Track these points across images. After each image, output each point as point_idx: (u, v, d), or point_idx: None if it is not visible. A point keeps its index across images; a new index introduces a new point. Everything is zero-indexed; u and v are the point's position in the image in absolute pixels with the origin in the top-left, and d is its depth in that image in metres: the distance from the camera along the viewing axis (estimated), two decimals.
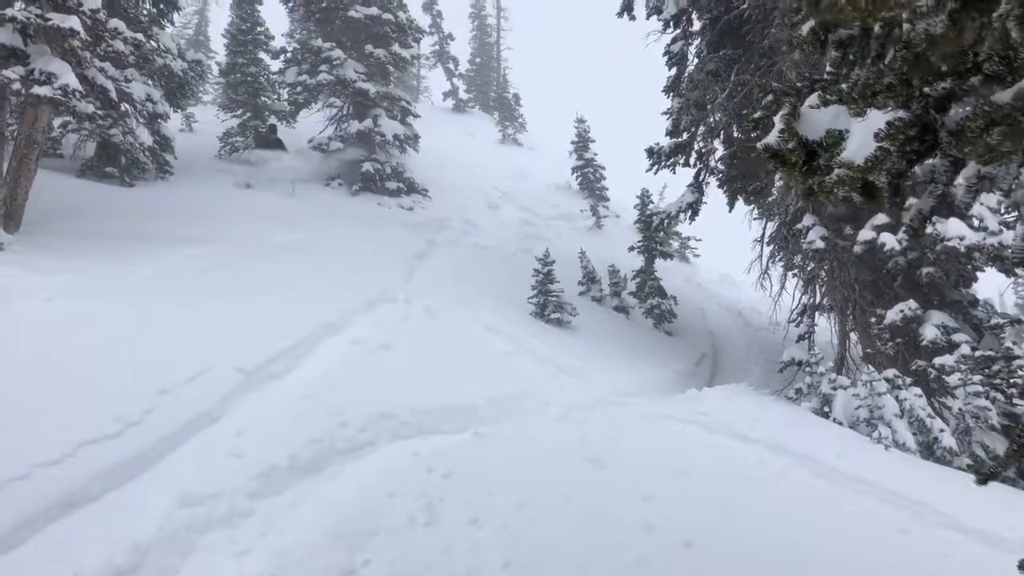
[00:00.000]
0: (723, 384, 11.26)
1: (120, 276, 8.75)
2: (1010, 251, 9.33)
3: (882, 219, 10.54)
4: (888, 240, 10.31)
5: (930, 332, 10.11)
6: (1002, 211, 10.12)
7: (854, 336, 12.50)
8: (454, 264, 14.56)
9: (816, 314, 13.51)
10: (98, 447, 4.99)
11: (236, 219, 13.83)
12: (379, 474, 5.55)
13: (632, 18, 13.09)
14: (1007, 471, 7.74)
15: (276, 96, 20.98)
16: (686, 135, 13.65)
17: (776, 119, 2.50)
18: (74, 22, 9.64)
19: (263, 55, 20.90)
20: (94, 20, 10.35)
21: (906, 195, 2.63)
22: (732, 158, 13.79)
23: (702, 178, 13.84)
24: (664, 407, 8.47)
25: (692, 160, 13.80)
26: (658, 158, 13.72)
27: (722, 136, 13.84)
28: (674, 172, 14.01)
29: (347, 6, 19.63)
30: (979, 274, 11.11)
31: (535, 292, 12.68)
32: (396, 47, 20.12)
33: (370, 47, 19.71)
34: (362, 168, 19.38)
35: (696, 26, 13.44)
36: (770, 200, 13.83)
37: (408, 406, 6.88)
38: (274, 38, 21.28)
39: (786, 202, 12.71)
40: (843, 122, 2.42)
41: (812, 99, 2.54)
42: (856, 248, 10.84)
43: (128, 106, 14.32)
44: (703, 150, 13.82)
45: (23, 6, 9.65)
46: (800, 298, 14.06)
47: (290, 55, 20.47)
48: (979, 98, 2.18)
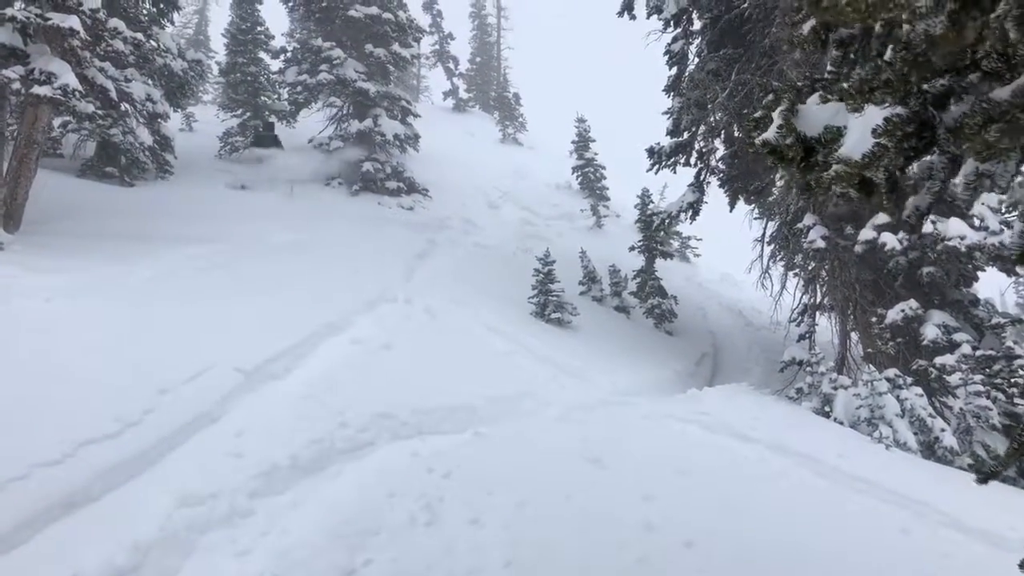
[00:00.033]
0: (724, 384, 11.25)
1: (120, 276, 8.76)
2: (1009, 248, 9.33)
3: (883, 219, 10.54)
4: (889, 240, 10.31)
5: (931, 332, 10.11)
6: (1003, 210, 10.11)
7: (855, 336, 12.49)
8: (454, 264, 14.56)
9: (817, 314, 13.50)
10: (98, 447, 4.99)
11: (236, 219, 13.84)
12: (380, 474, 5.55)
13: (632, 17, 13.08)
14: (1008, 470, 7.74)
15: (276, 96, 20.99)
16: (687, 135, 13.64)
17: (774, 115, 2.49)
18: (74, 22, 9.65)
19: (263, 55, 20.92)
20: (94, 20, 10.35)
21: (904, 192, 2.62)
22: (733, 158, 13.78)
23: (703, 178, 13.83)
24: (665, 407, 8.47)
25: (693, 160, 13.79)
26: (659, 158, 13.71)
27: (723, 136, 13.83)
28: (675, 172, 14.00)
29: (347, 5, 19.63)
30: (980, 273, 11.09)
31: (535, 292, 12.67)
32: (396, 47, 20.12)
33: (370, 47, 19.71)
34: (362, 168, 19.38)
35: (696, 25, 13.44)
36: (771, 200, 13.83)
37: (408, 406, 6.89)
38: (274, 38, 21.32)
39: (787, 202, 12.71)
40: (841, 118, 2.41)
41: (813, 98, 2.54)
42: (857, 248, 10.84)
43: (128, 106, 14.33)
44: (704, 150, 13.81)
45: (23, 6, 9.65)
46: (801, 298, 14.06)
47: (290, 55, 20.48)
48: (978, 95, 2.17)
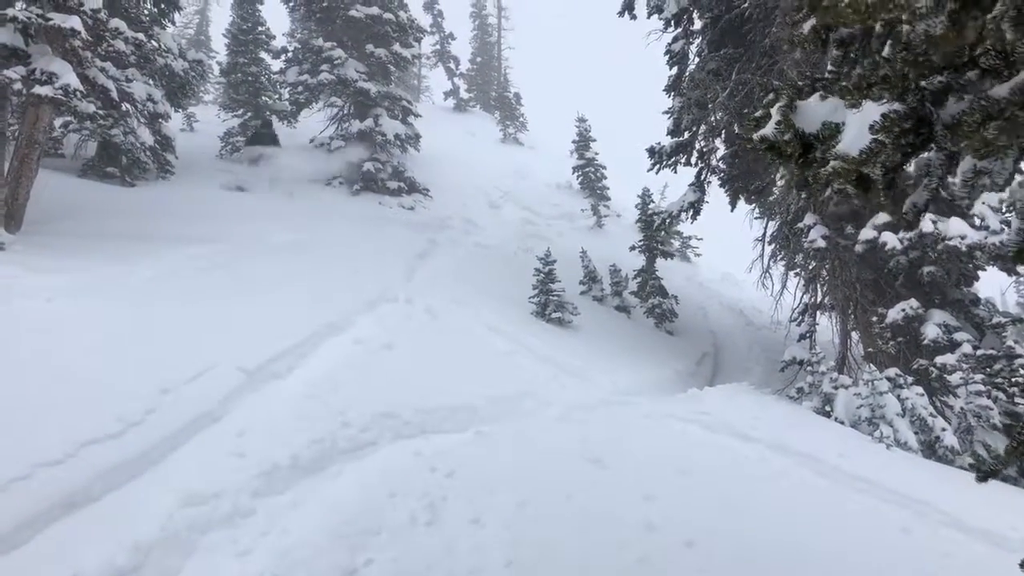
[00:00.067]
0: (724, 383, 11.25)
1: (121, 276, 8.76)
2: (1002, 240, 9.33)
3: (883, 218, 10.55)
4: (889, 239, 10.31)
5: (931, 331, 10.11)
6: (1003, 210, 10.11)
7: (855, 335, 12.49)
8: (455, 264, 14.57)
9: (817, 313, 13.50)
10: (100, 447, 4.99)
11: (237, 219, 13.85)
12: (381, 474, 5.55)
13: (633, 17, 13.08)
14: (1008, 469, 7.74)
15: (277, 96, 21.01)
16: (687, 134, 13.63)
17: (773, 111, 2.49)
18: (75, 22, 9.65)
19: (264, 55, 20.93)
20: (95, 20, 10.36)
21: (902, 189, 2.62)
22: (733, 157, 13.77)
23: (703, 177, 13.82)
24: (665, 406, 8.47)
25: (693, 159, 13.78)
26: (659, 157, 13.71)
27: (723, 135, 13.82)
28: (675, 171, 13.99)
29: (348, 6, 19.64)
30: (980, 273, 11.10)
31: (536, 292, 12.67)
32: (397, 47, 20.14)
33: (371, 47, 19.72)
34: (363, 168, 19.39)
35: (697, 25, 13.44)
36: (771, 199, 13.82)
37: (410, 406, 6.89)
38: (275, 38, 21.33)
39: (787, 201, 12.71)
40: (840, 115, 2.41)
41: (812, 97, 2.54)
42: (857, 247, 10.84)
43: (129, 106, 14.34)
44: (704, 149, 13.80)
45: (24, 6, 9.66)
46: (801, 297, 14.06)
47: (291, 55, 20.50)
48: (976, 92, 2.17)
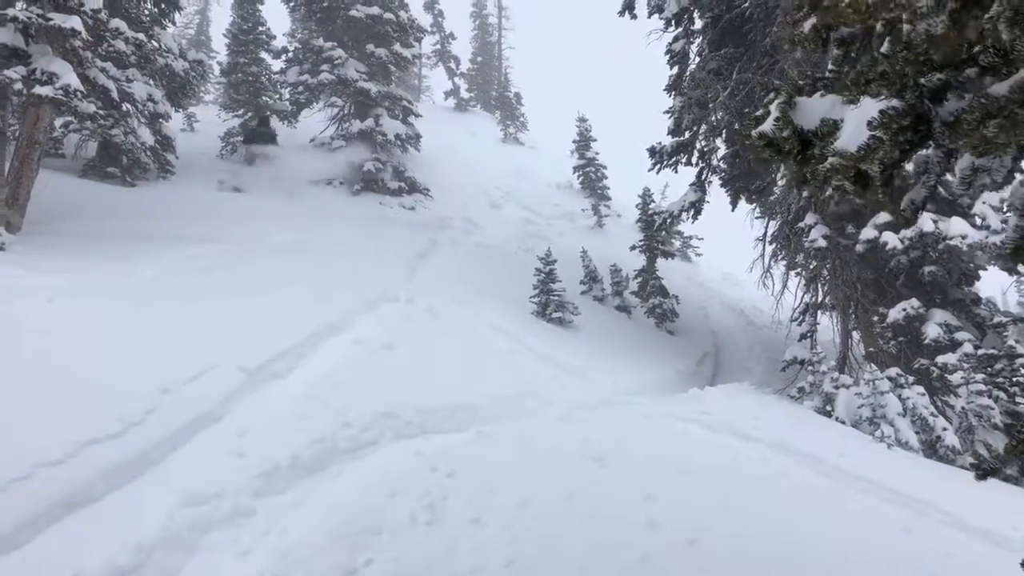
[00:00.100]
0: (725, 383, 11.23)
1: (122, 276, 8.76)
2: (1001, 240, 9.32)
3: (884, 218, 10.54)
4: (890, 239, 10.30)
5: (932, 331, 10.10)
6: (1004, 209, 10.09)
7: (856, 335, 12.48)
8: (456, 263, 14.57)
9: (818, 313, 13.48)
10: (100, 447, 4.99)
11: (237, 219, 13.86)
12: (382, 473, 5.55)
13: (633, 17, 13.07)
14: (1008, 468, 7.73)
15: (278, 96, 21.00)
16: (688, 134, 13.62)
17: (772, 107, 2.48)
18: (75, 22, 9.65)
19: (264, 55, 20.92)
20: (95, 20, 10.36)
21: (900, 186, 2.61)
22: (734, 157, 13.77)
23: (704, 177, 13.81)
24: (666, 406, 8.46)
25: (694, 159, 13.76)
26: (660, 157, 13.70)
27: (724, 135, 13.81)
28: (676, 171, 13.98)
29: (348, 6, 19.65)
30: (981, 272, 11.09)
31: (537, 291, 12.67)
32: (397, 46, 20.14)
33: (371, 47, 19.73)
34: (363, 168, 19.39)
35: (698, 24, 13.43)
36: (772, 199, 13.82)
37: (411, 406, 6.89)
38: (275, 38, 21.31)
39: (788, 201, 12.70)
40: (838, 111, 2.41)
41: (814, 97, 2.53)
42: (858, 247, 10.83)
43: (130, 106, 14.35)
44: (705, 149, 13.78)
45: (24, 6, 9.66)
46: (802, 297, 14.04)
47: (291, 55, 20.51)
48: (975, 90, 2.17)
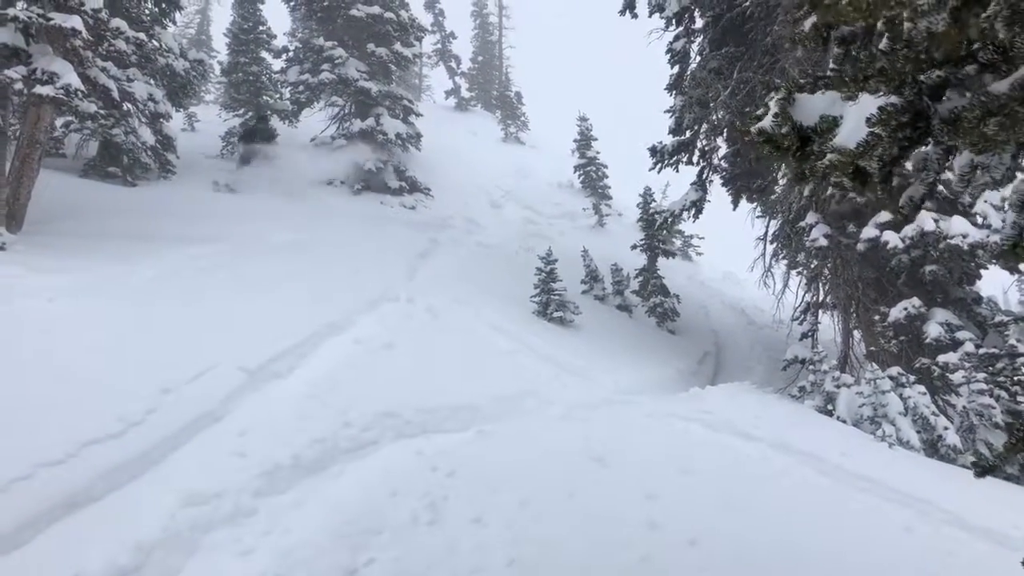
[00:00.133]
0: (726, 382, 11.23)
1: (123, 276, 8.77)
2: (1000, 238, 9.29)
3: (885, 217, 10.53)
4: (891, 238, 10.29)
5: (934, 330, 10.09)
6: (1005, 208, 10.07)
7: (857, 334, 12.47)
8: (457, 263, 14.56)
9: (819, 312, 13.47)
10: (101, 447, 4.99)
11: (238, 218, 13.86)
12: (383, 473, 5.55)
13: (634, 16, 13.06)
14: (1010, 468, 7.72)
15: (278, 95, 21.00)
16: (689, 133, 13.61)
17: (771, 103, 2.47)
18: (76, 22, 9.65)
19: (265, 54, 20.92)
20: (96, 20, 10.35)
21: (898, 184, 2.60)
22: (735, 156, 13.76)
23: (705, 176, 13.80)
24: (667, 405, 8.46)
25: (695, 158, 13.75)
26: (661, 156, 13.69)
27: (725, 134, 13.80)
28: (677, 170, 13.97)
29: (349, 5, 19.63)
30: (983, 272, 11.07)
31: (538, 291, 12.66)
32: (398, 46, 20.13)
33: (372, 46, 19.71)
34: (364, 167, 19.38)
35: (698, 24, 13.41)
36: (773, 198, 13.81)
37: (411, 405, 6.89)
38: (276, 37, 21.32)
39: (789, 200, 12.69)
40: (837, 108, 2.40)
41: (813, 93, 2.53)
42: (859, 246, 10.83)
43: (130, 106, 14.35)
44: (706, 148, 13.77)
45: (25, 6, 9.65)
46: (803, 296, 14.02)
47: (292, 54, 20.48)
48: (975, 88, 2.16)
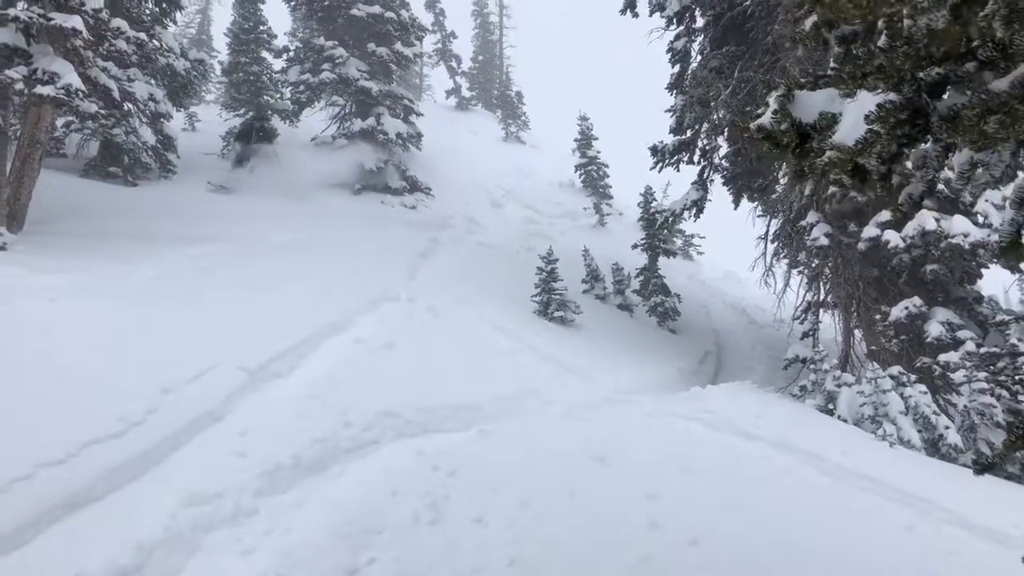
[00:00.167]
0: (727, 382, 11.22)
1: (123, 276, 8.77)
2: (998, 236, 9.28)
3: (886, 216, 10.52)
4: (892, 237, 10.28)
5: (935, 329, 10.08)
6: (1007, 207, 10.05)
7: (859, 333, 12.46)
8: (458, 262, 14.55)
9: (820, 311, 13.45)
10: (102, 447, 4.99)
11: (238, 218, 13.86)
12: (384, 473, 5.55)
13: (635, 15, 13.06)
14: (1008, 465, 7.72)
15: (279, 95, 20.98)
16: (690, 132, 13.61)
17: (770, 100, 2.46)
18: (76, 22, 9.65)
19: (266, 54, 20.88)
20: (96, 19, 10.35)
21: (896, 181, 2.59)
22: (736, 155, 13.75)
23: (706, 175, 13.79)
24: (668, 405, 8.45)
25: (696, 157, 13.75)
26: (662, 156, 13.68)
27: (726, 133, 13.79)
28: (678, 170, 13.97)
29: (349, 4, 19.62)
30: (984, 271, 11.05)
31: (539, 290, 12.65)
32: (399, 45, 20.12)
33: (372, 45, 19.71)
34: (365, 167, 19.37)
35: (699, 23, 13.41)
36: (774, 197, 13.81)
37: (412, 405, 6.89)
38: (276, 37, 21.27)
39: (790, 199, 12.68)
40: (837, 105, 2.39)
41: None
42: (860, 245, 10.82)
43: (131, 105, 14.36)
44: (707, 147, 13.77)
45: (26, 6, 9.65)
46: (804, 295, 14.01)
47: (293, 54, 20.47)
48: (975, 85, 2.15)
